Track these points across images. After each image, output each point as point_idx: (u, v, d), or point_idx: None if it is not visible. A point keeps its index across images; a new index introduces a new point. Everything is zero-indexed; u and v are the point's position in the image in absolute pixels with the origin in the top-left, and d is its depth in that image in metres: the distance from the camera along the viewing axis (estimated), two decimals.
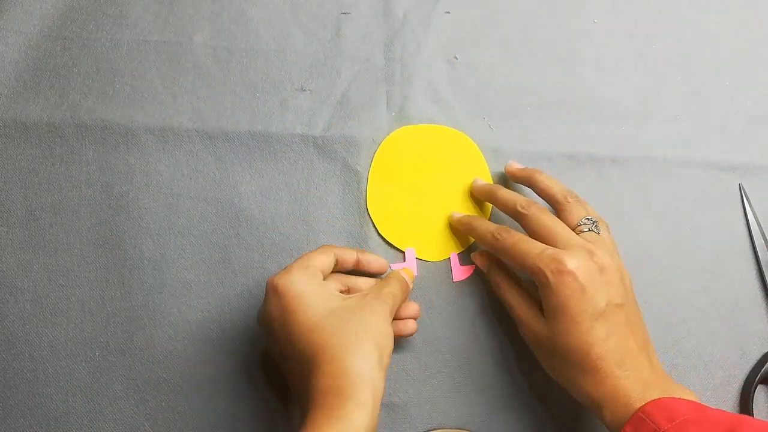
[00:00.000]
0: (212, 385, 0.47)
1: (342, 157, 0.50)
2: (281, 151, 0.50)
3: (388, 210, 0.50)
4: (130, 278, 0.48)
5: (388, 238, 0.49)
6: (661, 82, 0.53)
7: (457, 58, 0.52)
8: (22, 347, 0.47)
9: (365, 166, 0.50)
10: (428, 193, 0.50)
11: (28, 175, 0.49)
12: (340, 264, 0.45)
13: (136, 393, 0.47)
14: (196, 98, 0.50)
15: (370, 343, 0.38)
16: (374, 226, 0.49)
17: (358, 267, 0.46)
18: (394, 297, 0.43)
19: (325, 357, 0.37)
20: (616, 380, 0.39)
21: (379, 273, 0.47)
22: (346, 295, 0.42)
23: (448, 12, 0.53)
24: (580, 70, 0.53)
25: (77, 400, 0.46)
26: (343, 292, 0.44)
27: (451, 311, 0.49)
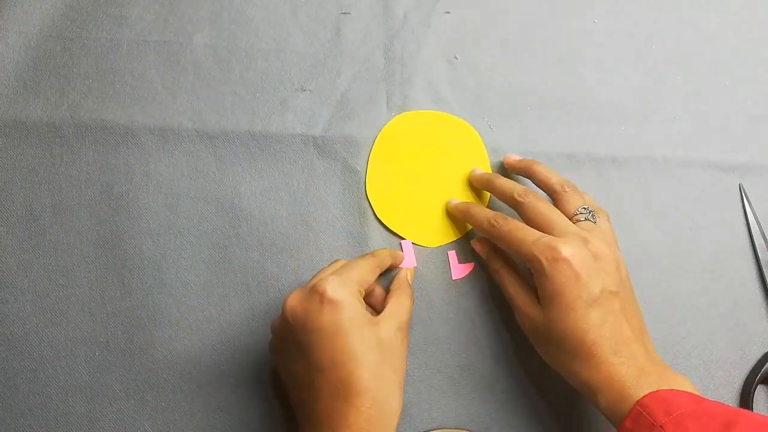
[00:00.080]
0: (212, 385, 0.47)
1: (342, 157, 0.50)
2: (281, 151, 0.50)
3: (387, 195, 0.50)
4: (130, 278, 0.48)
5: (386, 223, 0.49)
6: (661, 82, 0.53)
7: (457, 58, 0.52)
8: (22, 347, 0.47)
9: (365, 166, 0.50)
10: (427, 179, 0.50)
11: (28, 175, 0.49)
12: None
13: (136, 393, 0.47)
14: (196, 98, 0.50)
15: (399, 385, 0.41)
16: (372, 211, 0.49)
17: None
18: (409, 313, 0.44)
19: (366, 399, 0.38)
20: (610, 367, 0.39)
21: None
22: (375, 321, 0.41)
23: (448, 12, 0.53)
24: (580, 70, 0.53)
25: (77, 400, 0.46)
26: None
27: (451, 311, 0.49)
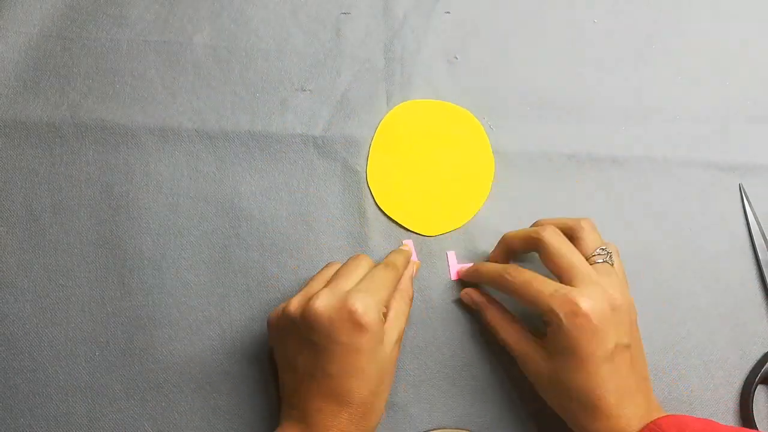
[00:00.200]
0: (212, 385, 0.47)
1: (342, 157, 0.50)
2: (281, 151, 0.50)
3: (388, 184, 0.50)
4: (130, 278, 0.48)
5: (387, 212, 0.49)
6: (661, 82, 0.53)
7: (457, 58, 0.52)
8: (22, 347, 0.47)
9: (365, 166, 0.50)
10: (429, 168, 0.50)
11: (28, 175, 0.49)
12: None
13: (136, 393, 0.46)
14: (196, 98, 0.50)
15: (387, 396, 0.42)
16: (373, 199, 0.49)
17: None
18: (407, 320, 0.45)
19: (359, 408, 0.39)
20: (612, 419, 0.39)
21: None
22: (382, 338, 0.41)
23: (448, 12, 0.53)
24: (580, 70, 0.53)
25: (77, 400, 0.46)
26: None
27: (451, 311, 0.49)
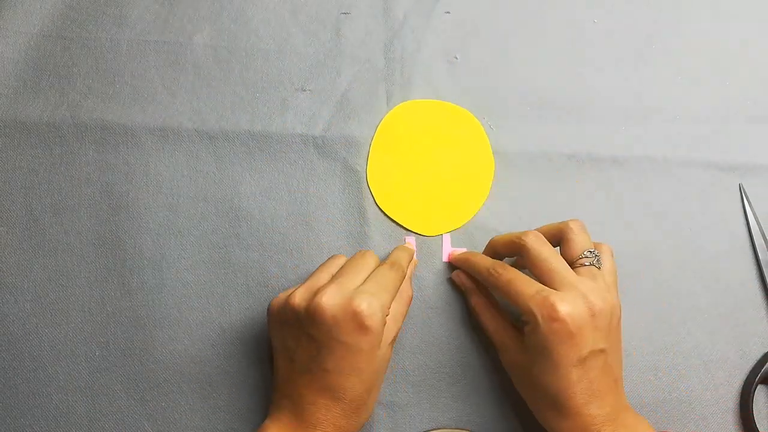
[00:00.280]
0: (212, 385, 0.47)
1: (342, 157, 0.50)
2: (281, 151, 0.50)
3: (388, 184, 0.50)
4: (130, 278, 0.48)
5: (386, 212, 0.49)
6: (661, 82, 0.53)
7: (457, 58, 0.52)
8: (22, 347, 0.47)
9: (365, 166, 0.50)
10: (429, 168, 0.50)
11: (28, 175, 0.49)
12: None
13: (136, 393, 0.47)
14: (196, 98, 0.50)
15: (378, 394, 0.43)
16: (373, 199, 0.50)
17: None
18: (403, 320, 0.45)
19: (352, 404, 0.40)
20: (578, 417, 0.40)
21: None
22: (380, 339, 0.41)
23: (448, 12, 0.53)
24: (580, 70, 0.53)
25: (77, 400, 0.46)
26: None
27: (451, 311, 0.49)
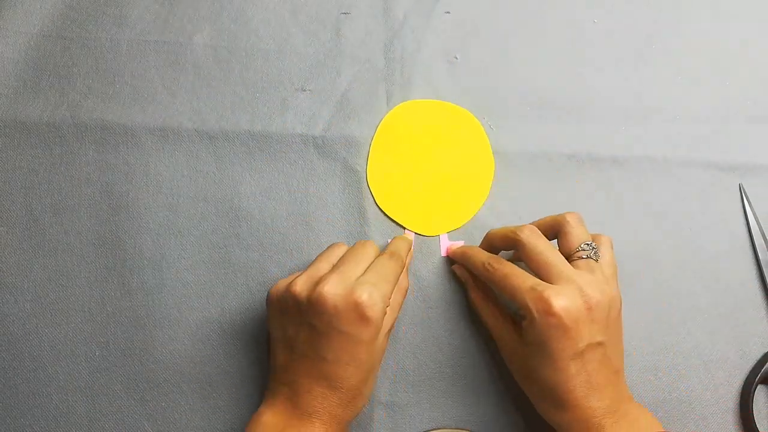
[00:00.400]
0: (212, 385, 0.47)
1: (342, 157, 0.50)
2: (281, 151, 0.50)
3: (388, 183, 0.50)
4: (130, 278, 0.48)
5: (386, 212, 0.49)
6: (661, 82, 0.53)
7: (457, 58, 0.52)
8: (22, 347, 0.47)
9: (365, 166, 0.50)
10: (429, 168, 0.50)
11: (28, 175, 0.49)
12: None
13: (136, 393, 0.47)
14: (196, 98, 0.50)
15: (373, 386, 0.44)
16: (373, 199, 0.50)
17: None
18: (400, 310, 0.46)
19: (349, 394, 0.41)
20: (578, 410, 0.40)
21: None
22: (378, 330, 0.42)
23: (448, 12, 0.53)
24: (580, 70, 0.53)
25: (77, 400, 0.46)
26: None
27: (451, 311, 0.49)
